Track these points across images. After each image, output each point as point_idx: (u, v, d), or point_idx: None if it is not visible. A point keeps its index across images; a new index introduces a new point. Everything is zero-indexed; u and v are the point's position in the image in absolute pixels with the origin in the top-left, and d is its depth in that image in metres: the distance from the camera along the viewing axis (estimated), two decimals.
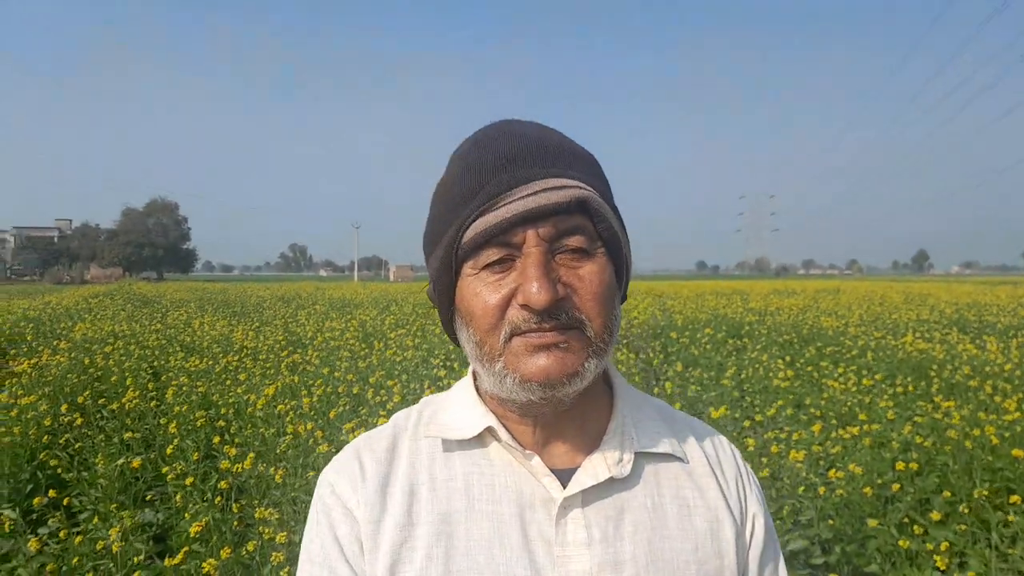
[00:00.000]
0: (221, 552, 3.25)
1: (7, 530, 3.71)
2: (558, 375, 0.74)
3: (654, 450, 0.85)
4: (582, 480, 0.80)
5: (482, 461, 0.83)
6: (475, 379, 0.89)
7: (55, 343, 9.17)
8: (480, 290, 0.75)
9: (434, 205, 0.82)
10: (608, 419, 0.87)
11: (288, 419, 5.10)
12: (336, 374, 6.62)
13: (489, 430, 0.83)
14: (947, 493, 3.80)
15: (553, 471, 0.81)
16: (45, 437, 5.17)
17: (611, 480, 0.81)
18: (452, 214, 0.77)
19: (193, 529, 3.38)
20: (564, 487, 0.80)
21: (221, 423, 5.41)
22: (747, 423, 5.13)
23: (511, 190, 0.73)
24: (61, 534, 3.61)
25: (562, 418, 0.83)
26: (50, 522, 3.82)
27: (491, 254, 0.75)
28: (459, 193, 0.77)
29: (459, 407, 0.88)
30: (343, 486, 0.84)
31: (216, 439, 4.85)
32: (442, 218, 0.79)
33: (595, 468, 0.81)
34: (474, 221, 0.74)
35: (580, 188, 0.75)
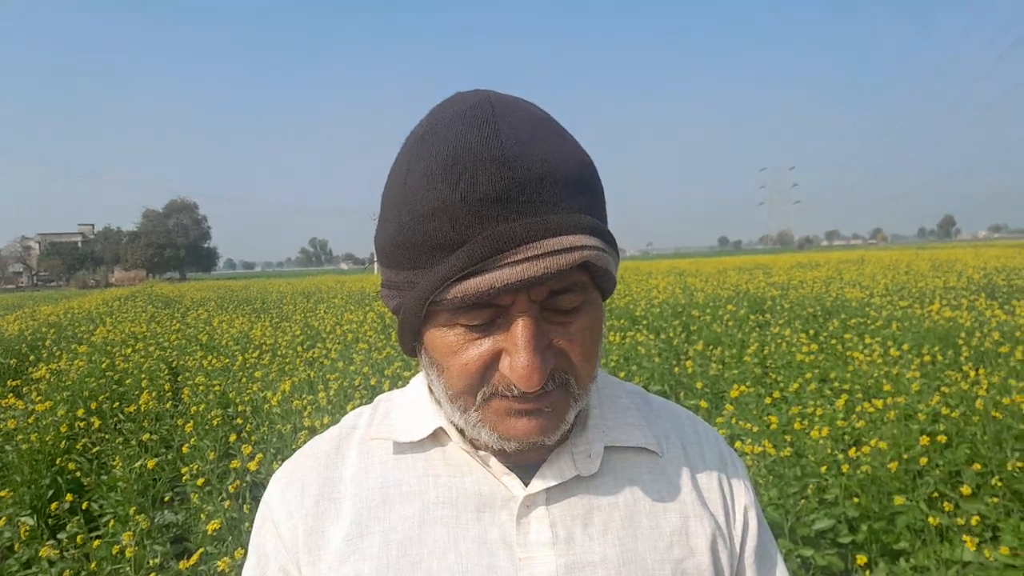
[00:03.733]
0: (236, 552, 3.22)
1: (24, 536, 3.72)
2: (538, 437, 0.68)
3: (626, 444, 0.78)
4: (546, 477, 0.73)
5: (438, 461, 0.77)
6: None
7: (74, 347, 9.23)
8: (456, 348, 0.66)
9: (396, 215, 0.66)
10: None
11: (306, 414, 5.08)
12: (352, 367, 6.59)
13: (441, 430, 0.76)
14: (977, 465, 3.69)
15: (515, 468, 0.74)
16: (63, 442, 5.20)
17: (578, 478, 0.74)
18: (427, 256, 0.63)
19: (211, 527, 3.35)
20: (528, 484, 0.73)
21: (239, 421, 5.40)
22: (768, 400, 5.02)
23: (499, 253, 0.60)
24: (78, 539, 3.61)
25: None
26: (68, 527, 3.82)
27: (472, 317, 0.64)
28: (437, 234, 0.62)
29: (412, 406, 0.81)
30: (275, 499, 0.79)
31: (233, 437, 4.84)
32: (414, 251, 0.64)
33: (561, 464, 0.74)
34: (457, 283, 0.61)
35: (583, 248, 0.61)
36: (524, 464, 0.75)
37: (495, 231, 0.60)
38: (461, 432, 0.75)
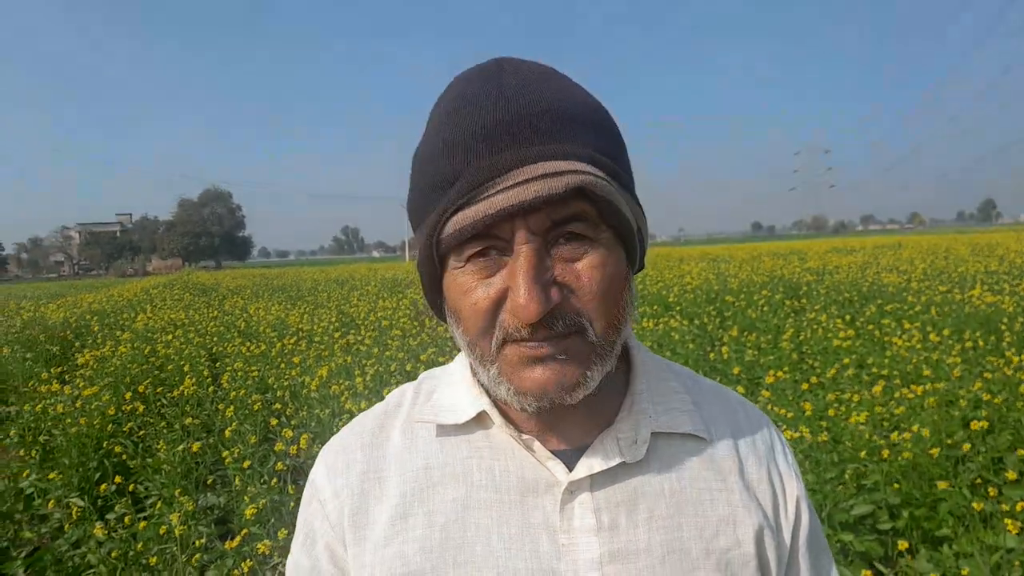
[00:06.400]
0: (279, 533, 3.29)
1: (75, 517, 3.83)
2: (555, 390, 0.65)
3: (673, 430, 0.76)
4: (591, 463, 0.72)
5: (482, 444, 0.76)
6: None
7: (118, 334, 9.43)
8: (468, 288, 0.66)
9: (414, 174, 0.70)
10: (624, 394, 0.78)
11: (343, 399, 5.15)
12: (387, 353, 6.65)
13: (485, 413, 0.76)
14: (1021, 451, 3.63)
15: (560, 453, 0.74)
16: (109, 426, 5.33)
17: (623, 464, 0.73)
18: (430, 198, 0.66)
19: (248, 512, 3.42)
20: (572, 470, 0.72)
21: (277, 406, 5.49)
22: (805, 386, 4.98)
23: (491, 180, 0.61)
24: (126, 520, 3.71)
25: None
26: (116, 508, 3.93)
27: (475, 246, 0.64)
28: (437, 174, 0.65)
29: (456, 387, 0.81)
30: (321, 476, 0.80)
31: (273, 422, 4.92)
32: (422, 197, 0.68)
33: (606, 450, 0.73)
34: (453, 215, 0.63)
35: (577, 173, 0.61)
36: (569, 450, 0.74)
37: (487, 161, 0.62)
38: (505, 415, 0.75)
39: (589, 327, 0.65)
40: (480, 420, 0.77)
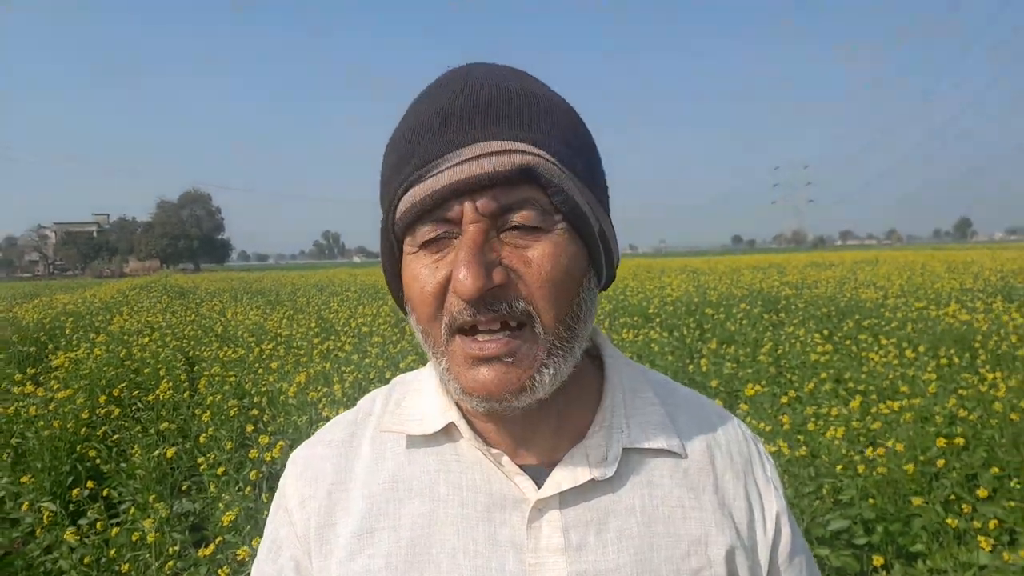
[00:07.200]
0: (253, 541, 3.26)
1: (47, 522, 3.77)
2: (500, 393, 0.64)
3: (646, 445, 0.74)
4: (559, 480, 0.70)
5: (451, 458, 0.74)
6: None
7: (93, 336, 9.31)
8: (418, 273, 0.66)
9: (382, 168, 0.71)
10: (596, 406, 0.77)
11: (321, 406, 5.12)
12: (367, 360, 6.62)
13: (453, 425, 0.74)
14: (995, 468, 3.67)
15: (528, 468, 0.72)
16: (83, 430, 5.26)
17: (593, 481, 0.71)
18: (389, 184, 0.68)
19: (225, 519, 3.38)
20: (541, 487, 0.71)
21: (254, 412, 5.44)
22: (784, 399, 5.02)
23: (442, 156, 0.62)
24: (99, 525, 3.65)
25: (536, 410, 0.71)
26: (89, 513, 3.87)
27: (427, 231, 0.65)
28: (395, 159, 0.67)
29: (426, 394, 0.79)
30: (290, 486, 0.79)
31: (250, 428, 4.87)
32: (384, 186, 0.70)
33: (575, 467, 0.71)
34: (404, 193, 0.65)
35: (525, 153, 0.62)
36: (539, 465, 0.73)
37: (438, 140, 0.63)
38: (473, 427, 0.74)
39: (536, 318, 0.64)
40: (449, 432, 0.75)
